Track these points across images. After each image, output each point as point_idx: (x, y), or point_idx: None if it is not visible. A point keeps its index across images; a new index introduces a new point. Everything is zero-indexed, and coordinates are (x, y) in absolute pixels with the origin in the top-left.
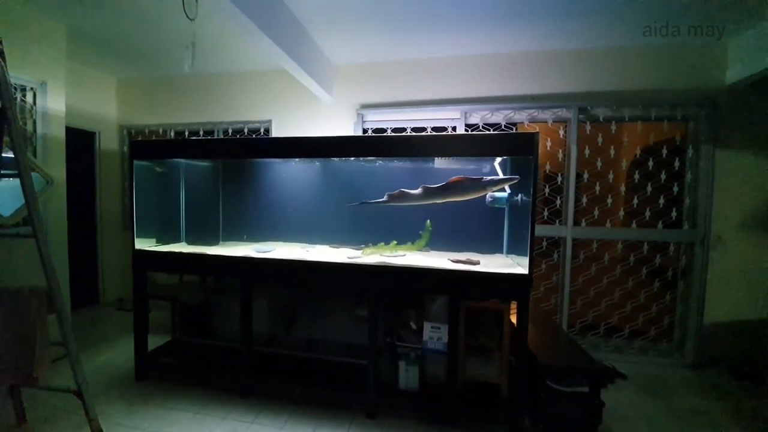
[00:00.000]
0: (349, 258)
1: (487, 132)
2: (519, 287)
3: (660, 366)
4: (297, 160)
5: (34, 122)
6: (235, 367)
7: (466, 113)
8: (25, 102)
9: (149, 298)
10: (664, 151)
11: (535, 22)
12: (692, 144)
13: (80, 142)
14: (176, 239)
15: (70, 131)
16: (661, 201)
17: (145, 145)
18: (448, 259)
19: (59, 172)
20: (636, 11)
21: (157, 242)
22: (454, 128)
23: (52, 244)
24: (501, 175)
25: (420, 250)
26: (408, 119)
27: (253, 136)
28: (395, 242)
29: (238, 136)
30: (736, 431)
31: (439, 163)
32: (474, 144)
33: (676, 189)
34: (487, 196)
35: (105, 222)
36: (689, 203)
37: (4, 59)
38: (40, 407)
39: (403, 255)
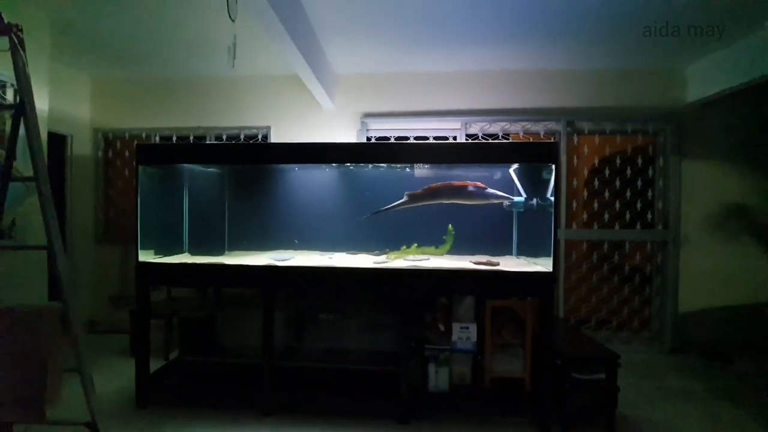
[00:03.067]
0: (376, 263)
1: (510, 141)
2: (543, 284)
3: (643, 353)
4: (303, 167)
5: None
6: (249, 384)
7: (466, 124)
8: (5, 99)
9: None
10: (640, 161)
11: (532, 42)
12: (662, 155)
13: (49, 145)
14: (178, 250)
15: None
16: (638, 205)
17: (152, 149)
18: (470, 262)
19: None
20: (616, 37)
21: (155, 254)
22: (454, 138)
23: (32, 259)
24: (516, 182)
25: (444, 254)
26: (411, 128)
27: (251, 142)
28: (416, 245)
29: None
30: (717, 403)
31: (455, 170)
32: (498, 152)
33: (650, 194)
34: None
35: (75, 235)
36: (661, 206)
37: (23, 48)
38: None
39: (427, 259)
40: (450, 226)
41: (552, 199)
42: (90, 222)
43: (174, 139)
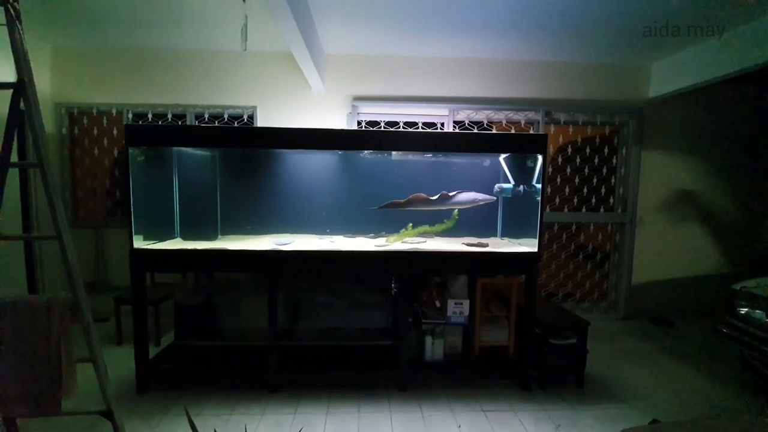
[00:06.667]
0: (377, 246)
1: (507, 133)
2: (529, 263)
3: (601, 320)
4: (299, 151)
5: None
6: (249, 365)
7: (453, 111)
8: None
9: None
10: (606, 150)
11: (517, 34)
12: (624, 145)
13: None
14: (169, 235)
15: None
16: (603, 190)
17: (144, 130)
18: (462, 243)
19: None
20: (592, 33)
21: (144, 239)
22: (442, 124)
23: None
24: (506, 169)
25: (438, 234)
26: (401, 113)
27: (235, 123)
28: (411, 225)
29: (216, 123)
30: (665, 360)
31: (454, 157)
32: (495, 142)
33: (613, 180)
34: (495, 186)
35: (42, 221)
36: (622, 192)
37: (20, 21)
38: None
39: (424, 241)
40: (455, 210)
41: (538, 186)
42: None
43: (150, 116)
